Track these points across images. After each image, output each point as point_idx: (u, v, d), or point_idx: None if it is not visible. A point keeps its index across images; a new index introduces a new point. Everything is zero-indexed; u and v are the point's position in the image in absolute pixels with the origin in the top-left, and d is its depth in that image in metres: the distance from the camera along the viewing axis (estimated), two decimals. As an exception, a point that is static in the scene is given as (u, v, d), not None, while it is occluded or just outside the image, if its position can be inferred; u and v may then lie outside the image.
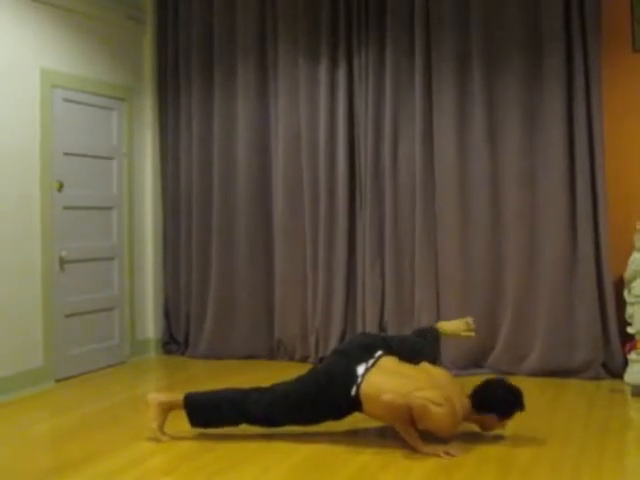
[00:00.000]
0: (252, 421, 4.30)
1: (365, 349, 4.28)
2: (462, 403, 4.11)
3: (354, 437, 4.34)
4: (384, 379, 4.10)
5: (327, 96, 6.33)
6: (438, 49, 6.01)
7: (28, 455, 4.21)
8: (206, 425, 4.35)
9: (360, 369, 4.15)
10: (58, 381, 5.82)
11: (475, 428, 4.28)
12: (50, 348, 5.77)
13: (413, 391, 3.98)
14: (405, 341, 4.56)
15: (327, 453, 4.07)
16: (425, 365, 4.33)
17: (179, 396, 4.34)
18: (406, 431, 4.04)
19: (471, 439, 4.20)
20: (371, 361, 4.19)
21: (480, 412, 4.16)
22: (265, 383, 4.58)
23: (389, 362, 4.24)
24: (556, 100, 5.75)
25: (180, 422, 4.31)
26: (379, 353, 4.25)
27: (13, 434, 4.59)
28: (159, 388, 5.83)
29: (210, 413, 4.31)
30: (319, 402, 4.19)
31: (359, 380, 4.11)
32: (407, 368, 4.24)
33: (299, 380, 4.32)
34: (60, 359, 5.87)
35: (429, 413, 3.92)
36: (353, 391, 4.11)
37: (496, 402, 4.16)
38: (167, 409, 4.32)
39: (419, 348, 4.48)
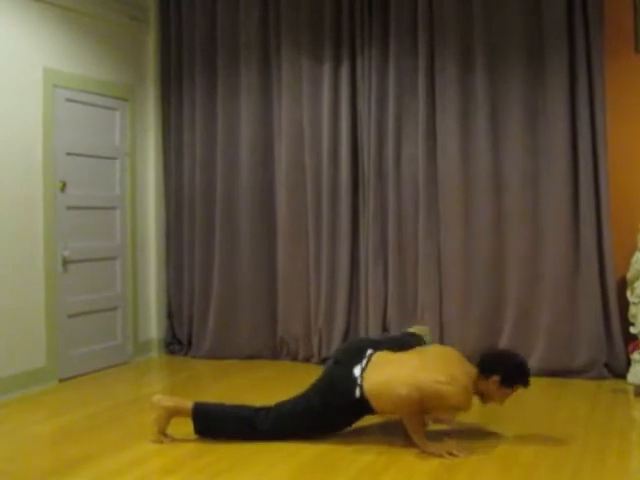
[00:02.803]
0: (260, 438, 4.23)
1: (355, 352, 4.30)
2: (467, 373, 4.14)
3: (357, 437, 4.32)
4: (382, 372, 4.12)
5: (330, 95, 6.33)
6: (441, 49, 6.01)
7: (30, 455, 4.21)
8: (211, 436, 4.29)
9: (356, 371, 4.17)
10: (61, 381, 5.83)
11: (476, 428, 4.28)
12: (53, 348, 5.78)
13: (415, 374, 4.00)
14: (393, 339, 4.62)
15: (330, 453, 4.07)
16: (417, 348, 4.40)
17: (187, 404, 4.29)
18: (415, 428, 4.03)
19: (474, 439, 4.20)
20: (364, 361, 4.21)
21: (484, 374, 4.15)
22: (268, 383, 4.62)
23: (381, 356, 4.26)
24: (559, 100, 5.75)
25: (182, 423, 4.30)
26: (369, 352, 4.28)
27: (15, 434, 4.59)
28: (162, 388, 5.83)
29: (218, 426, 4.28)
30: (327, 412, 4.20)
31: (359, 381, 4.12)
32: (400, 355, 4.28)
33: (302, 395, 4.30)
34: (63, 359, 5.88)
35: (444, 396, 3.95)
36: (357, 393, 4.12)
37: (501, 363, 4.17)
38: (172, 414, 4.28)
39: (407, 342, 4.50)
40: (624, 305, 5.53)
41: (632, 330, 5.39)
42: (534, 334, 5.84)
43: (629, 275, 5.43)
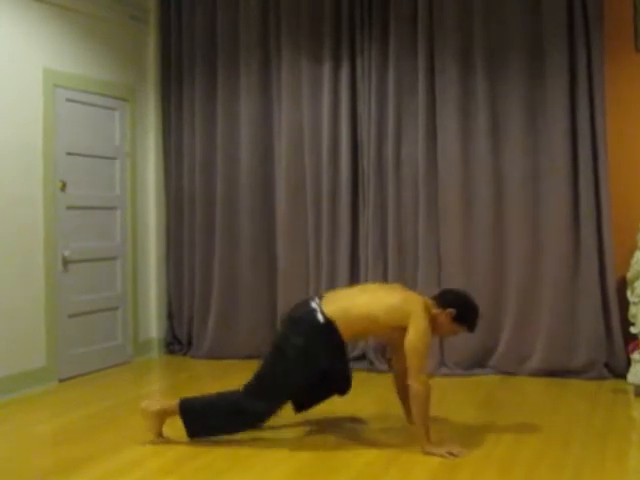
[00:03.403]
0: (253, 419, 4.21)
1: (302, 301, 4.37)
2: (422, 300, 4.18)
3: (357, 437, 4.34)
4: (341, 301, 4.19)
5: (330, 96, 6.32)
6: (441, 49, 6.01)
7: (30, 455, 4.21)
8: (204, 433, 4.23)
9: (313, 304, 4.20)
10: (61, 381, 5.83)
11: (476, 427, 4.27)
12: (53, 348, 5.78)
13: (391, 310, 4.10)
14: None
15: (330, 453, 4.07)
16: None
17: (173, 402, 4.26)
18: (424, 421, 4.00)
19: (474, 439, 4.20)
20: (316, 299, 4.26)
21: (442, 305, 4.20)
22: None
23: (330, 294, 4.36)
24: (559, 99, 5.75)
25: (180, 425, 4.29)
26: (316, 297, 4.31)
27: (15, 434, 4.59)
28: (162, 388, 5.83)
29: (208, 418, 4.22)
30: (303, 356, 4.12)
31: (318, 308, 4.14)
32: (351, 289, 4.51)
33: (270, 357, 4.25)
34: (63, 359, 5.88)
35: (419, 317, 4.06)
36: (320, 318, 4.11)
37: (460, 300, 4.28)
38: (163, 417, 4.24)
39: None
40: (624, 305, 5.53)
41: (632, 330, 5.39)
42: (534, 334, 5.84)
43: (629, 275, 5.43)
